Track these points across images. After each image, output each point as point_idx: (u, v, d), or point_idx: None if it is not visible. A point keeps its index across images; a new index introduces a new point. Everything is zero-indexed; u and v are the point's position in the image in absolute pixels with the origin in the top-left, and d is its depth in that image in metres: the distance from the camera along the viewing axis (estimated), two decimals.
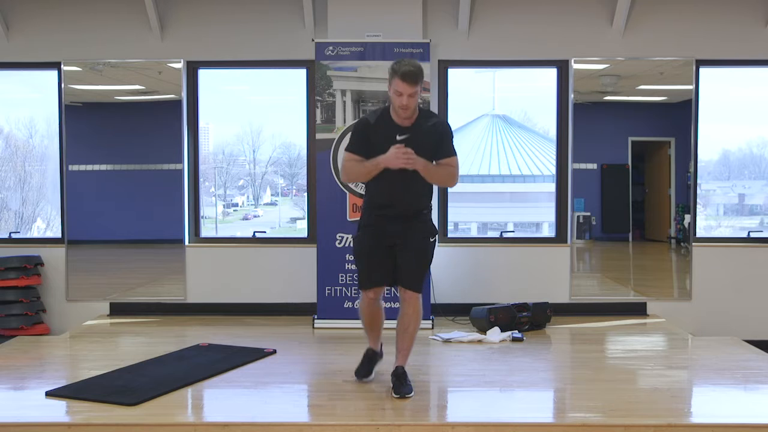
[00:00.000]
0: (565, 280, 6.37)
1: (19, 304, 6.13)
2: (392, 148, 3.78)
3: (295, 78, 6.52)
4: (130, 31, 6.35)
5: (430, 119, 3.99)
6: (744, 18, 6.30)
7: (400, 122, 3.90)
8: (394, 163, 3.77)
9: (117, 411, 3.70)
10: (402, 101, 3.80)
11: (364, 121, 4.04)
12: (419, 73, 3.80)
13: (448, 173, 3.98)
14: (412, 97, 3.80)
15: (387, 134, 3.88)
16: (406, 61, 3.85)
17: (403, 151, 3.75)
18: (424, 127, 3.92)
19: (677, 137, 6.65)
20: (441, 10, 6.29)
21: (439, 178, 4.00)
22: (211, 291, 6.41)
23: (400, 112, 3.86)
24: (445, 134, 3.98)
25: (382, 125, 3.92)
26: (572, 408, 3.97)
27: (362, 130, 3.97)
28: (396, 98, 3.82)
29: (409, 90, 3.77)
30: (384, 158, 3.80)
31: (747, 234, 6.58)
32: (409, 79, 3.75)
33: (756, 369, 4.56)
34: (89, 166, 6.52)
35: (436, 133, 3.94)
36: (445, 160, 3.95)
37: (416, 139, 3.87)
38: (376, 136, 3.90)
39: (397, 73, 3.77)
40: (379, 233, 4.00)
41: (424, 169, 3.84)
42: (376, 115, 3.99)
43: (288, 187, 8.12)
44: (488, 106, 8.30)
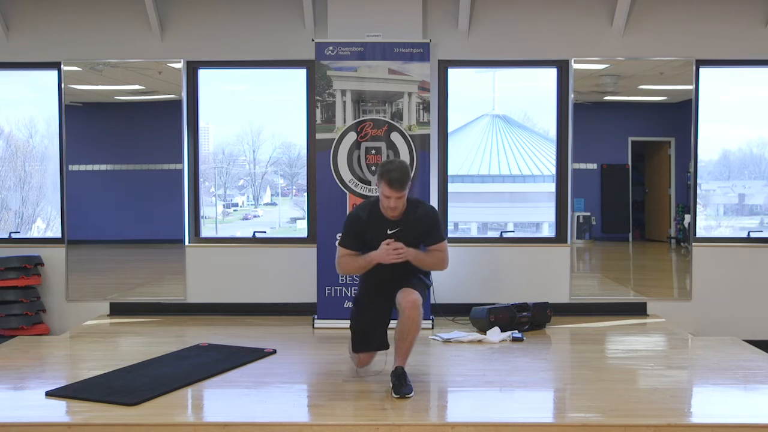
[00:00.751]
0: (565, 280, 6.37)
1: (19, 304, 6.13)
2: (383, 244, 3.98)
3: (295, 78, 6.52)
4: (130, 31, 6.35)
5: (418, 209, 4.14)
6: (744, 18, 6.30)
7: (390, 217, 4.07)
8: (386, 259, 3.98)
9: (117, 411, 3.70)
10: (390, 204, 3.98)
11: (355, 217, 4.16)
12: (405, 178, 3.95)
13: (438, 258, 4.16)
14: (399, 199, 3.97)
15: (378, 229, 4.06)
16: (393, 165, 3.99)
17: (393, 247, 3.96)
18: (413, 219, 4.09)
19: (677, 137, 6.65)
20: (441, 10, 6.29)
21: (429, 265, 4.21)
22: (211, 291, 6.41)
23: (389, 212, 4.03)
24: (434, 222, 4.15)
25: (372, 221, 4.08)
26: (572, 408, 3.97)
27: (355, 226, 4.12)
28: (384, 200, 3.99)
29: (397, 194, 3.94)
30: (376, 255, 4.01)
31: (747, 234, 6.58)
32: (396, 185, 3.92)
33: (756, 369, 4.56)
34: (89, 166, 6.52)
35: (425, 223, 4.12)
36: (434, 247, 4.16)
37: (406, 231, 4.07)
38: (368, 231, 4.08)
39: (383, 178, 3.93)
40: (376, 306, 4.24)
41: (414, 260, 4.07)
42: (366, 211, 4.13)
43: (288, 187, 8.12)
44: (488, 106, 8.31)
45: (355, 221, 4.13)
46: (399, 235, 4.04)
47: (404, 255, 3.97)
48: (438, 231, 4.16)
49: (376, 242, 4.03)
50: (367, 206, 4.16)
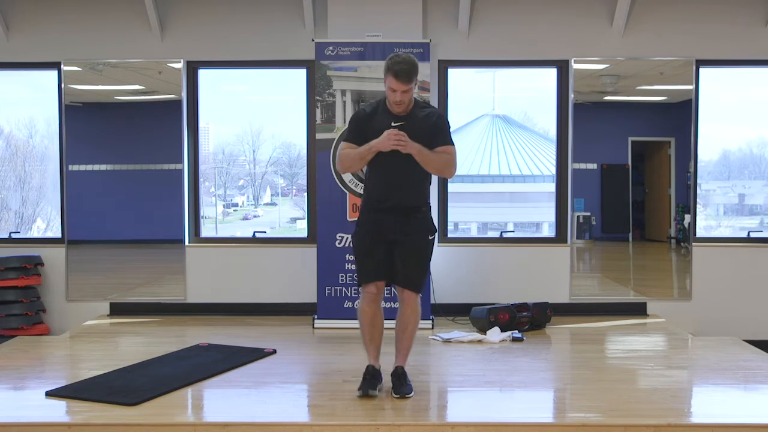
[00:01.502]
0: (565, 280, 6.37)
1: (19, 304, 6.13)
2: (385, 132, 3.81)
3: (295, 78, 6.52)
4: (130, 31, 6.35)
5: (426, 108, 4.04)
6: (744, 18, 6.30)
7: (395, 112, 3.93)
8: (386, 144, 3.78)
9: (117, 411, 3.70)
10: (396, 97, 3.84)
11: (360, 111, 4.08)
12: (413, 70, 3.81)
13: (445, 159, 3.92)
14: (406, 93, 3.83)
15: (382, 123, 3.89)
16: (400, 58, 3.85)
17: (395, 132, 3.77)
18: (420, 115, 3.95)
19: (677, 137, 6.65)
20: (441, 10, 6.29)
21: (435, 165, 3.93)
22: (211, 291, 6.41)
23: (395, 107, 3.90)
24: (441, 123, 3.98)
25: (377, 115, 3.95)
26: (572, 408, 3.97)
27: (358, 119, 4.01)
28: (390, 94, 3.86)
29: (403, 87, 3.80)
30: (377, 141, 3.81)
31: (747, 234, 6.58)
32: (403, 77, 3.78)
33: (756, 369, 4.56)
34: (89, 166, 6.52)
35: (431, 121, 3.95)
36: (442, 148, 3.91)
37: (411, 127, 3.87)
38: (372, 124, 3.92)
39: (390, 71, 3.80)
40: (377, 229, 3.97)
41: (418, 153, 3.82)
42: (372, 105, 4.04)
43: (288, 187, 8.12)
44: (488, 106, 8.30)
45: (359, 115, 4.03)
46: (403, 129, 3.84)
47: (406, 144, 3.79)
48: (446, 132, 3.97)
49: (379, 135, 3.85)
50: (374, 102, 4.06)
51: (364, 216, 4.07)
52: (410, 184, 3.97)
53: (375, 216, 3.99)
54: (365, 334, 4.07)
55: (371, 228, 4.00)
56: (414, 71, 3.81)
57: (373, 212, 4.00)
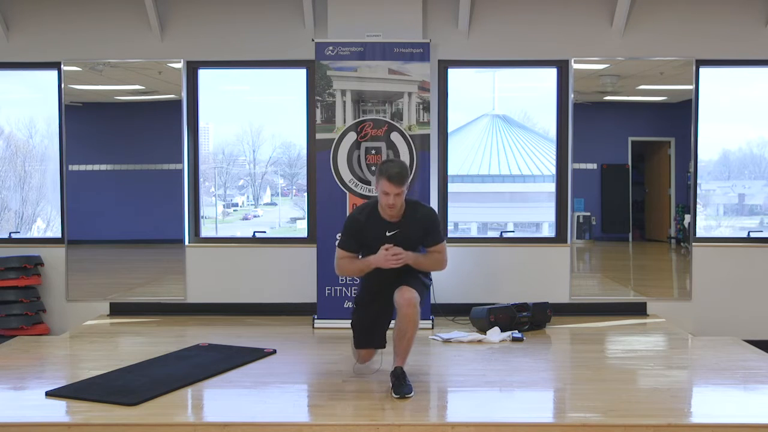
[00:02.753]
0: (565, 280, 6.37)
1: (19, 304, 6.13)
2: (381, 249, 3.99)
3: (295, 78, 6.52)
4: (130, 31, 6.35)
5: (417, 211, 4.15)
6: (744, 18, 6.30)
7: (388, 219, 4.06)
8: (384, 264, 4.00)
9: (117, 411, 3.70)
10: (389, 201, 3.97)
11: (354, 219, 4.16)
12: (405, 174, 3.96)
13: (437, 260, 4.18)
14: (398, 196, 3.97)
15: (377, 232, 4.07)
16: (393, 162, 4.05)
17: (392, 252, 3.97)
18: (412, 221, 4.10)
19: (677, 137, 6.65)
20: (441, 10, 6.29)
21: (428, 267, 4.23)
22: (211, 291, 6.41)
23: (387, 211, 4.03)
24: (433, 224, 4.16)
25: (371, 223, 4.09)
26: (572, 408, 3.97)
27: (353, 228, 4.13)
28: (383, 197, 3.98)
29: (396, 190, 3.94)
30: (374, 259, 4.03)
31: (747, 234, 6.58)
32: (396, 180, 3.92)
33: (756, 369, 4.56)
34: (89, 166, 6.52)
35: (424, 224, 4.13)
36: (434, 248, 4.17)
37: (405, 234, 4.07)
38: (366, 234, 4.09)
39: (383, 175, 3.93)
40: (376, 305, 4.24)
41: (414, 263, 4.08)
42: (365, 213, 4.14)
43: (288, 187, 8.12)
44: (488, 106, 8.31)
45: (353, 223, 4.13)
46: (398, 237, 4.05)
47: (403, 260, 3.99)
48: (437, 232, 4.16)
49: (374, 244, 4.03)
50: (366, 208, 4.16)
51: (363, 298, 4.33)
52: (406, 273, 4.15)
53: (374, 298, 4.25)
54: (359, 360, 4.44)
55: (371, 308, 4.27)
56: (406, 175, 3.98)
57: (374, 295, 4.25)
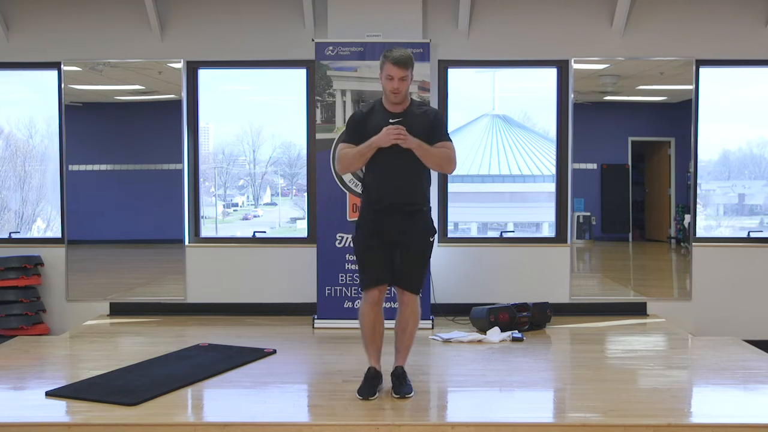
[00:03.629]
0: (565, 280, 6.37)
1: (19, 304, 6.13)
2: (384, 128, 3.83)
3: (295, 78, 6.52)
4: (130, 31, 6.35)
5: (422, 105, 4.09)
6: (744, 18, 6.30)
7: (392, 109, 3.95)
8: (386, 140, 3.80)
9: (117, 411, 3.70)
10: (393, 85, 3.86)
11: (357, 112, 4.10)
12: (409, 58, 3.88)
13: (444, 154, 3.93)
14: (403, 81, 3.86)
15: (380, 121, 3.91)
16: (397, 48, 3.94)
17: (395, 127, 3.80)
18: (417, 113, 3.97)
19: (677, 137, 6.65)
20: (441, 10, 6.29)
21: (435, 160, 3.93)
22: (211, 291, 6.40)
23: (392, 97, 3.91)
24: (438, 120, 4.02)
25: (374, 114, 3.97)
26: (572, 408, 3.97)
27: (356, 120, 4.02)
28: (387, 83, 3.88)
29: (400, 74, 3.83)
30: (376, 138, 3.83)
31: (747, 234, 6.58)
32: (400, 62, 3.83)
33: (756, 369, 4.56)
34: (89, 166, 6.52)
35: (428, 118, 3.98)
36: (440, 144, 3.93)
37: (408, 123, 3.88)
38: (369, 124, 3.93)
39: (387, 58, 3.86)
40: (378, 230, 3.96)
41: (418, 147, 3.83)
42: (368, 106, 4.06)
43: (288, 187, 8.12)
44: (488, 106, 8.30)
45: (356, 116, 4.05)
46: (401, 125, 3.86)
47: (406, 139, 3.79)
48: (443, 128, 4.01)
49: (378, 133, 3.86)
50: (370, 103, 4.09)
51: (363, 217, 4.05)
52: (410, 182, 3.96)
53: (375, 216, 3.97)
54: (366, 337, 4.05)
55: (371, 230, 3.98)
56: (410, 60, 3.88)
57: (373, 213, 3.98)
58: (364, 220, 4.04)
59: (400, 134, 3.78)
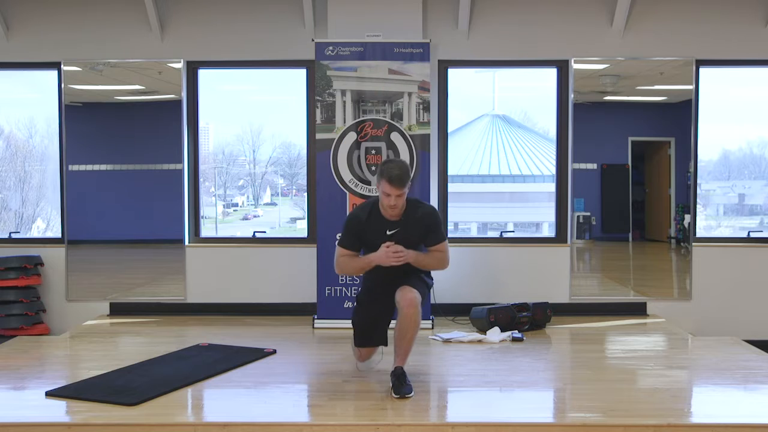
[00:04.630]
0: (565, 280, 6.37)
1: (19, 304, 6.13)
2: (382, 246, 3.98)
3: (295, 78, 6.52)
4: (130, 31, 6.35)
5: (418, 210, 4.13)
6: (744, 18, 6.30)
7: (389, 217, 4.06)
8: (385, 262, 3.99)
9: (117, 411, 3.70)
10: (390, 202, 3.97)
11: (355, 217, 4.16)
12: (406, 176, 3.95)
13: (438, 259, 4.17)
14: (400, 197, 3.96)
15: (377, 230, 4.06)
16: (394, 164, 4.01)
17: (393, 250, 3.96)
18: (412, 220, 4.08)
19: (677, 137, 6.65)
20: (441, 10, 6.29)
21: (429, 266, 4.22)
22: (211, 291, 6.41)
23: (389, 211, 4.02)
24: (434, 223, 4.14)
25: (372, 221, 4.08)
26: (572, 408, 3.97)
27: (354, 226, 4.12)
28: (384, 198, 3.98)
29: (397, 192, 3.93)
30: (375, 257, 4.02)
31: (747, 234, 6.58)
32: (397, 183, 3.91)
33: (756, 369, 4.56)
34: (89, 166, 6.52)
35: (425, 223, 4.11)
36: (435, 247, 4.17)
37: (406, 232, 4.06)
38: (367, 231, 4.08)
39: (384, 176, 3.92)
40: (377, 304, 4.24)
41: (414, 262, 4.08)
42: (366, 211, 4.13)
43: (288, 187, 8.13)
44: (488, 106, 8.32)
45: (354, 221, 4.13)
46: (399, 236, 4.04)
47: (404, 258, 3.98)
48: (438, 231, 4.15)
49: (375, 243, 4.03)
50: (367, 206, 4.16)
51: (364, 297, 4.32)
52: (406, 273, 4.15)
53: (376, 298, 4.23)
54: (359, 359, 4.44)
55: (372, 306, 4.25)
56: (407, 177, 3.96)
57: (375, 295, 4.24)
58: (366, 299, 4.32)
59: (398, 257, 3.96)
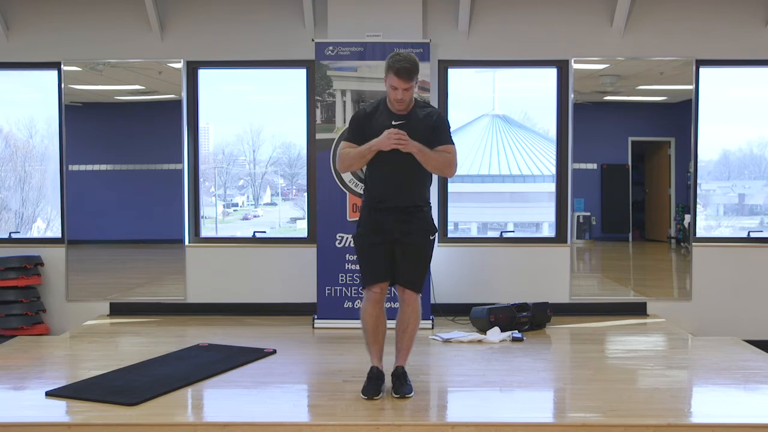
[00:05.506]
0: (565, 280, 6.37)
1: (19, 304, 6.13)
2: (386, 131, 3.82)
3: (295, 78, 6.52)
4: (130, 31, 6.35)
5: (426, 107, 4.05)
6: (744, 18, 6.30)
7: (396, 111, 3.94)
8: (387, 144, 3.79)
9: (117, 411, 3.70)
10: (397, 95, 3.85)
11: (361, 111, 4.08)
12: (414, 68, 3.83)
13: (445, 158, 3.92)
14: (407, 91, 3.85)
15: (383, 122, 3.91)
16: (402, 56, 3.86)
17: (396, 131, 3.79)
18: (420, 115, 3.96)
19: (677, 137, 6.65)
20: (441, 10, 6.29)
21: (435, 164, 3.93)
22: (211, 291, 6.41)
23: (396, 105, 3.91)
24: (441, 123, 3.99)
25: (378, 114, 3.96)
26: (572, 408, 3.97)
27: (358, 119, 4.01)
28: (391, 92, 3.87)
29: (404, 85, 3.82)
30: (377, 140, 3.82)
31: (747, 234, 6.57)
32: (404, 74, 3.80)
33: (756, 369, 4.56)
34: (89, 166, 6.52)
35: (431, 121, 3.96)
36: (442, 147, 3.92)
37: (411, 126, 3.88)
38: (372, 124, 3.93)
39: (391, 69, 3.81)
40: (379, 228, 3.96)
41: (419, 152, 3.82)
42: (372, 105, 4.05)
43: (288, 187, 8.12)
44: (488, 106, 8.31)
45: (360, 114, 4.04)
46: (404, 127, 3.86)
47: (406, 143, 3.79)
48: (446, 131, 3.98)
49: (380, 134, 3.86)
50: (375, 101, 4.07)
51: (364, 216, 4.06)
52: (411, 183, 3.96)
53: (375, 215, 3.98)
54: (369, 336, 4.04)
55: (372, 228, 3.99)
56: (415, 69, 3.83)
57: (374, 212, 3.99)
58: (365, 219, 4.04)
59: (400, 139, 3.77)
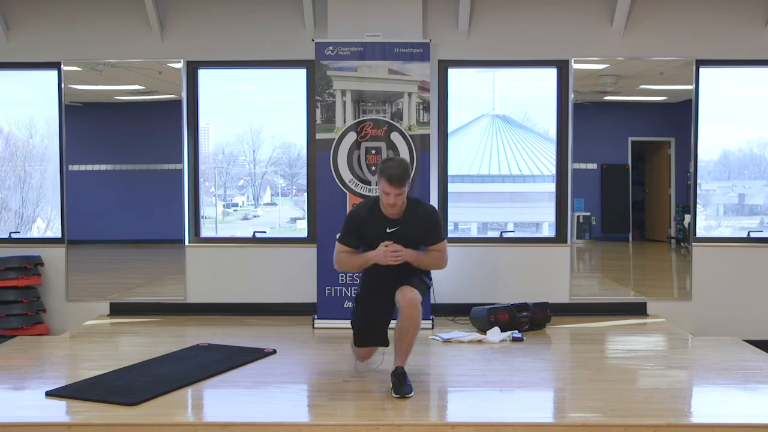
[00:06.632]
0: (565, 280, 6.37)
1: (19, 304, 6.13)
2: (381, 245, 3.99)
3: (295, 78, 6.52)
4: (130, 31, 6.35)
5: (418, 209, 4.16)
6: (744, 18, 6.30)
7: (389, 216, 4.07)
8: (384, 261, 4.00)
9: (117, 411, 3.70)
10: (389, 200, 3.99)
11: (356, 214, 4.19)
12: (405, 175, 3.96)
13: (437, 258, 4.17)
14: (399, 195, 3.98)
15: (377, 227, 4.08)
16: (394, 162, 4.02)
17: (391, 249, 3.97)
18: (413, 218, 4.10)
19: (677, 137, 6.65)
20: (441, 10, 6.29)
21: (428, 265, 4.22)
22: (211, 291, 6.41)
23: (388, 209, 4.05)
24: (434, 222, 4.16)
25: (372, 219, 4.10)
26: (572, 408, 3.97)
27: (354, 223, 4.15)
28: (384, 197, 4.01)
29: (396, 191, 3.95)
30: (373, 255, 4.04)
31: (747, 234, 6.58)
32: (396, 182, 3.93)
33: (756, 369, 4.56)
34: (89, 166, 6.52)
35: (425, 222, 4.13)
36: (434, 247, 4.18)
37: (405, 231, 4.07)
38: (367, 229, 4.09)
39: (383, 175, 3.94)
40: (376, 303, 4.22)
41: (413, 260, 4.08)
42: (366, 209, 4.16)
43: (288, 187, 8.13)
44: (488, 106, 8.31)
45: (354, 219, 4.15)
46: (398, 234, 4.05)
47: (402, 257, 3.98)
48: (438, 231, 4.16)
49: (375, 241, 4.04)
50: (368, 204, 4.18)
51: (363, 295, 4.31)
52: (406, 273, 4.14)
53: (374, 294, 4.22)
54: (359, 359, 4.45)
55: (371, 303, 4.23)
56: (406, 176, 3.97)
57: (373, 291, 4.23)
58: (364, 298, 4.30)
59: (397, 257, 3.96)
